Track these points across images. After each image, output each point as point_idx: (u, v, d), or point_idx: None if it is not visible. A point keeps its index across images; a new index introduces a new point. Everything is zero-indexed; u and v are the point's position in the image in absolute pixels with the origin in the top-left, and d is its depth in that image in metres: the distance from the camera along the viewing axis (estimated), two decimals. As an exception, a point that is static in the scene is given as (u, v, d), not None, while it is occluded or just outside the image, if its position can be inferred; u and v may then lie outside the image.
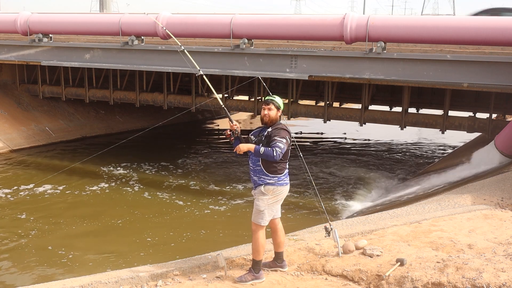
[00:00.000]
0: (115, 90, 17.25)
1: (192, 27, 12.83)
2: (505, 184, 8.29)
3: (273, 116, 5.08)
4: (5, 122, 16.48)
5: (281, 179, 5.02)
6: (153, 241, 9.09)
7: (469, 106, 14.39)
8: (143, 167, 14.13)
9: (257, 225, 5.03)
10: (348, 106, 17.17)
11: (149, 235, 9.35)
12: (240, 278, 5.06)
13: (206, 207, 10.99)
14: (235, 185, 12.40)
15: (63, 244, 8.92)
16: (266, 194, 5.00)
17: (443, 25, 10.49)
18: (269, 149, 4.87)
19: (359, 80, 11.94)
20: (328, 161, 15.46)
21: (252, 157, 5.08)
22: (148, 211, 10.76)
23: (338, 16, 11.33)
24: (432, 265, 4.90)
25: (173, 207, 11.03)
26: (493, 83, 10.56)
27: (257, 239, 5.02)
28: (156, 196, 11.76)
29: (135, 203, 11.29)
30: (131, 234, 9.44)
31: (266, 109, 5.09)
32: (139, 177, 13.23)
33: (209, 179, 13.21)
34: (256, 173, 5.04)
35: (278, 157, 4.84)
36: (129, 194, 11.90)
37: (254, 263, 5.08)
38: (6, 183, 12.55)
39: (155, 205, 11.19)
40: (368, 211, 9.93)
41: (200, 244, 8.75)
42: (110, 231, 9.66)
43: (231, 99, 16.45)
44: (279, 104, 5.11)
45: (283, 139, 4.91)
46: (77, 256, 8.45)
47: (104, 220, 10.19)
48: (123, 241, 9.19)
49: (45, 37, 15.10)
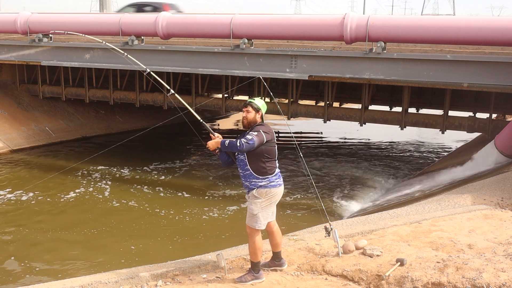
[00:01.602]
0: (115, 90, 17.25)
1: (192, 27, 12.83)
2: (505, 184, 8.29)
3: (251, 118, 5.05)
4: (5, 122, 16.47)
5: (272, 180, 4.96)
6: (153, 242, 9.10)
7: (469, 106, 14.39)
8: (143, 167, 14.12)
9: (252, 229, 5.01)
10: (348, 106, 17.16)
11: (150, 235, 9.35)
12: (240, 278, 5.06)
13: (206, 207, 10.99)
14: (235, 185, 12.41)
15: (65, 244, 8.93)
16: (259, 198, 4.95)
17: (443, 25, 10.49)
18: (234, 140, 4.85)
19: (359, 80, 11.94)
20: (328, 161, 15.46)
21: (239, 163, 5.04)
22: (148, 211, 10.78)
23: (338, 16, 11.33)
24: (432, 265, 4.90)
25: (173, 207, 11.02)
26: (493, 83, 10.55)
27: (253, 242, 5.01)
28: (155, 196, 11.77)
29: (135, 203, 11.30)
30: (132, 234, 9.45)
31: (245, 111, 5.08)
32: (139, 177, 13.23)
33: (209, 179, 13.22)
34: (246, 178, 5.00)
35: (242, 147, 4.77)
36: (129, 194, 11.90)
37: (253, 264, 5.08)
38: (6, 183, 12.56)
39: (155, 205, 11.18)
40: (368, 211, 9.93)
41: (200, 244, 8.75)
42: (108, 232, 9.66)
43: (231, 99, 16.45)
44: (258, 106, 5.06)
45: (254, 133, 4.86)
46: (81, 256, 8.46)
47: (100, 221, 10.20)
48: (121, 242, 9.19)
49: (45, 37, 15.10)
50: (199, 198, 11.61)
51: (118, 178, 13.15)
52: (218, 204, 11.13)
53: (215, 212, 10.66)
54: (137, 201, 11.38)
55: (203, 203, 11.25)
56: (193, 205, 11.11)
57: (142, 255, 8.43)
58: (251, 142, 4.80)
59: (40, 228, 9.71)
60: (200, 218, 10.32)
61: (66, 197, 11.52)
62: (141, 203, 11.26)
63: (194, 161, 15.21)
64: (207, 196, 11.73)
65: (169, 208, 10.92)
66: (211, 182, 12.90)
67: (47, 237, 9.28)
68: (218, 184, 12.70)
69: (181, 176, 13.51)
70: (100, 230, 9.63)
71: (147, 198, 11.59)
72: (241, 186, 5.20)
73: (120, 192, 12.01)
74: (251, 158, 4.94)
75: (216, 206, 11.04)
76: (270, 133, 4.96)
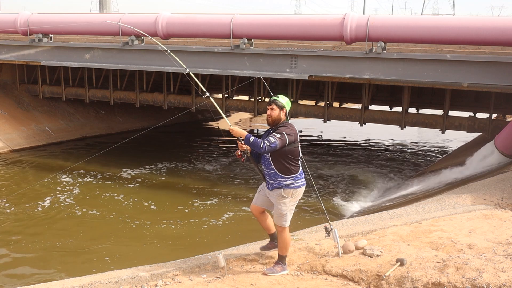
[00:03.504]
0: (115, 90, 17.25)
1: (192, 27, 12.84)
2: (505, 184, 8.29)
3: (275, 116, 5.06)
4: (5, 122, 16.47)
5: (297, 179, 5.08)
6: (153, 242, 9.10)
7: (469, 106, 14.39)
8: (143, 167, 14.11)
9: (281, 227, 5.19)
10: (348, 106, 17.17)
11: (150, 235, 9.35)
12: (270, 269, 5.22)
13: (206, 207, 10.99)
14: (235, 185, 12.42)
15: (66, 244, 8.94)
16: (286, 197, 5.09)
17: (443, 25, 10.50)
18: (258, 140, 4.86)
19: (359, 80, 11.94)
20: (328, 161, 15.46)
21: (264, 162, 5.12)
22: (148, 211, 10.77)
23: (338, 16, 11.33)
24: (432, 265, 4.90)
25: (173, 207, 11.02)
26: (493, 83, 10.56)
27: (285, 238, 5.21)
28: (156, 196, 11.75)
29: (135, 204, 11.30)
30: (131, 234, 9.45)
31: (269, 109, 5.10)
32: (139, 178, 13.22)
33: (210, 179, 13.22)
34: (271, 177, 5.09)
35: (265, 149, 4.81)
36: (129, 194, 11.90)
37: (281, 257, 5.27)
38: (7, 183, 12.56)
39: (155, 205, 11.19)
40: (368, 211, 9.93)
41: (200, 244, 8.75)
42: (108, 232, 9.66)
43: (231, 99, 16.45)
44: (282, 103, 5.08)
45: (278, 134, 4.89)
46: (81, 256, 8.47)
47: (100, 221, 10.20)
48: (121, 242, 9.19)
49: (45, 37, 15.10)
50: (199, 198, 11.59)
51: (118, 178, 13.14)
52: (219, 204, 11.13)
53: (216, 212, 10.65)
54: (137, 201, 11.37)
55: (204, 203, 11.24)
56: (193, 205, 11.11)
57: (142, 255, 8.43)
58: (273, 146, 4.83)
59: (40, 228, 9.72)
60: (200, 218, 10.31)
61: (66, 197, 11.51)
62: (141, 203, 11.26)
63: (195, 161, 15.20)
64: (208, 196, 11.72)
65: (169, 208, 10.92)
66: (212, 182, 12.89)
67: (47, 237, 9.27)
68: (218, 184, 12.69)
69: (181, 176, 13.50)
70: (100, 230, 9.63)
71: (147, 198, 11.58)
72: (241, 186, 5.24)
73: (120, 192, 12.00)
74: (275, 158, 5.02)
75: (216, 206, 11.04)
76: (293, 135, 4.99)
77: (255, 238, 7.08)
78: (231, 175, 13.39)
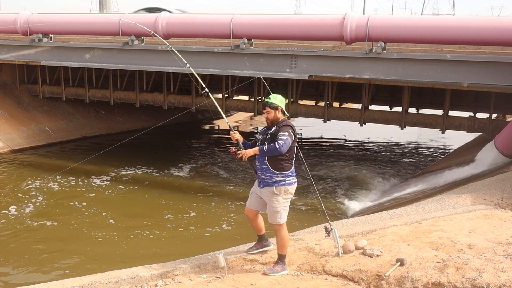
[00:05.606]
0: (115, 90, 17.25)
1: (192, 27, 12.83)
2: (505, 184, 8.29)
3: (272, 118, 5.24)
4: (5, 122, 16.47)
5: (289, 176, 5.16)
6: (153, 242, 9.09)
7: (469, 106, 14.38)
8: (143, 167, 14.11)
9: (277, 225, 5.23)
10: (348, 106, 17.16)
11: (150, 235, 9.35)
12: (270, 269, 5.23)
13: (207, 207, 10.99)
14: (236, 185, 12.41)
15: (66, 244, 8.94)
16: (278, 194, 5.16)
17: (443, 25, 10.49)
18: (272, 145, 5.02)
19: (359, 80, 11.94)
20: (328, 161, 15.46)
21: (258, 156, 5.22)
22: (148, 211, 10.77)
23: (338, 16, 11.33)
24: (432, 265, 4.90)
25: (172, 207, 11.02)
26: (493, 83, 10.56)
27: (283, 236, 5.25)
28: (155, 196, 11.76)
29: (134, 204, 11.31)
30: (131, 234, 9.45)
31: (265, 113, 5.29)
32: (139, 178, 13.23)
33: (210, 179, 13.22)
34: (263, 172, 5.19)
35: (282, 147, 4.96)
36: (129, 194, 11.90)
37: (281, 257, 5.29)
38: (7, 183, 12.56)
39: (155, 205, 11.19)
40: (368, 211, 9.93)
41: (200, 244, 8.75)
42: (108, 232, 9.67)
43: (231, 99, 16.45)
44: (275, 104, 5.23)
45: (286, 132, 5.05)
46: (81, 256, 8.47)
47: (100, 221, 10.20)
48: (121, 242, 9.19)
49: (45, 37, 15.10)
50: (199, 198, 11.60)
51: (118, 178, 13.14)
52: (219, 204, 11.13)
53: (216, 212, 10.65)
54: (137, 201, 11.38)
55: (204, 203, 11.24)
56: (193, 205, 11.11)
57: (142, 255, 8.43)
58: (287, 142, 5.01)
59: (39, 228, 9.72)
60: (200, 218, 10.31)
61: (65, 197, 11.51)
62: (141, 203, 11.27)
63: (195, 161, 15.20)
64: (208, 196, 11.72)
65: (169, 208, 10.92)
66: (211, 182, 12.88)
67: (47, 237, 9.28)
68: (219, 184, 12.68)
69: (181, 176, 13.50)
70: (100, 230, 9.62)
71: (147, 198, 11.59)
72: (242, 186, 5.28)
73: (120, 192, 12.01)
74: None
75: (216, 206, 11.04)
76: (294, 131, 5.19)
77: (255, 238, 7.06)
78: (231, 175, 13.39)
